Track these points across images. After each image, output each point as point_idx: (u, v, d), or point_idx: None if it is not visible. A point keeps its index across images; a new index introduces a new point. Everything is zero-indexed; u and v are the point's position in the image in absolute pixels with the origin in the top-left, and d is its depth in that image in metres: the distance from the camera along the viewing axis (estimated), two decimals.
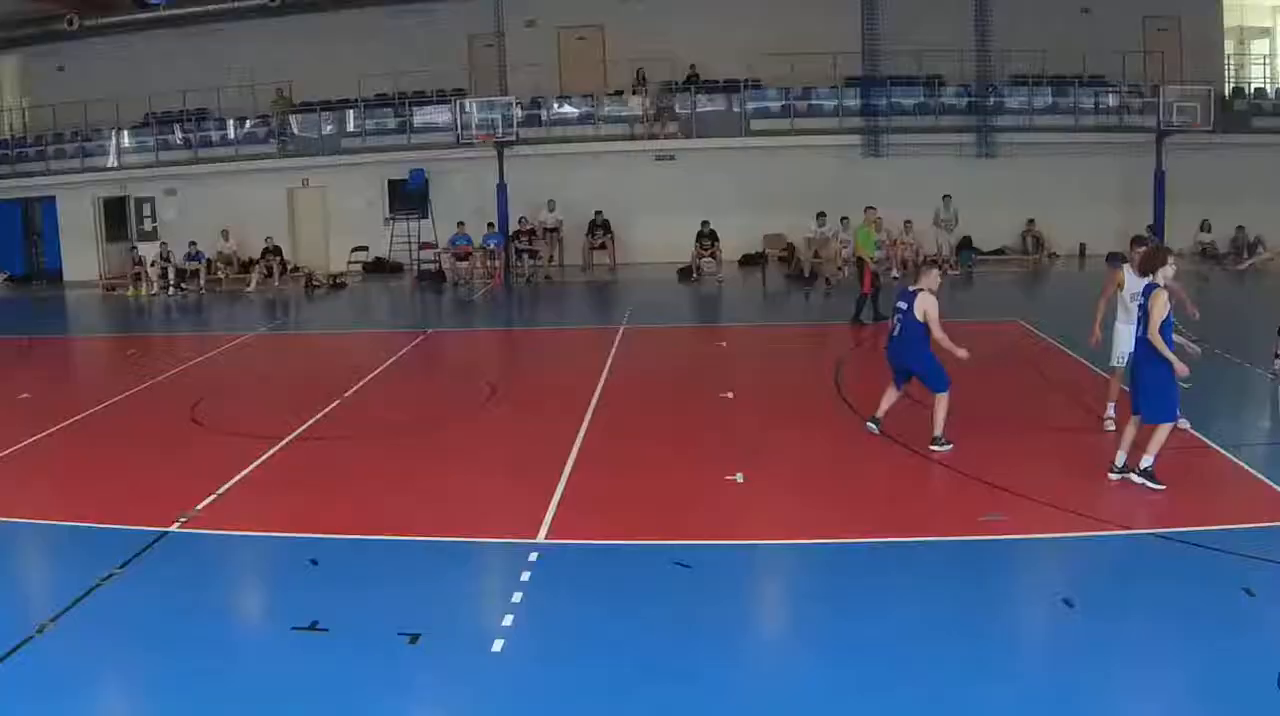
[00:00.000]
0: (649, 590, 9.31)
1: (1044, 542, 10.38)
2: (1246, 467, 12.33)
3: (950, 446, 13.05)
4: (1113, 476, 11.46)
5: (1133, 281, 12.65)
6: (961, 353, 12.99)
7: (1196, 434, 13.09)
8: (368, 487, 12.11)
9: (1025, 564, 10.17)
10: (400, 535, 10.52)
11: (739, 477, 12.16)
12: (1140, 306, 11.33)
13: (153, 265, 30.09)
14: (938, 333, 12.98)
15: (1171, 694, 7.75)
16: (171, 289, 29.70)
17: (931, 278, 13.37)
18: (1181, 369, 11.18)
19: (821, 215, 28.54)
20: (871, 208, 22.00)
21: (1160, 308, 10.99)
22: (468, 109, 29.89)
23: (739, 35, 30.43)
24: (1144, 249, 12.43)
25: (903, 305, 13.27)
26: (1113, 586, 9.42)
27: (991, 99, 31.18)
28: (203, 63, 32.80)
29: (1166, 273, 11.69)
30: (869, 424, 13.55)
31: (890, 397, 13.54)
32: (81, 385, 19.15)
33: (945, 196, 29.35)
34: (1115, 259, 14.71)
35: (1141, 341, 11.25)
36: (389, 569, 9.83)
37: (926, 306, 13.06)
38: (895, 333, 13.49)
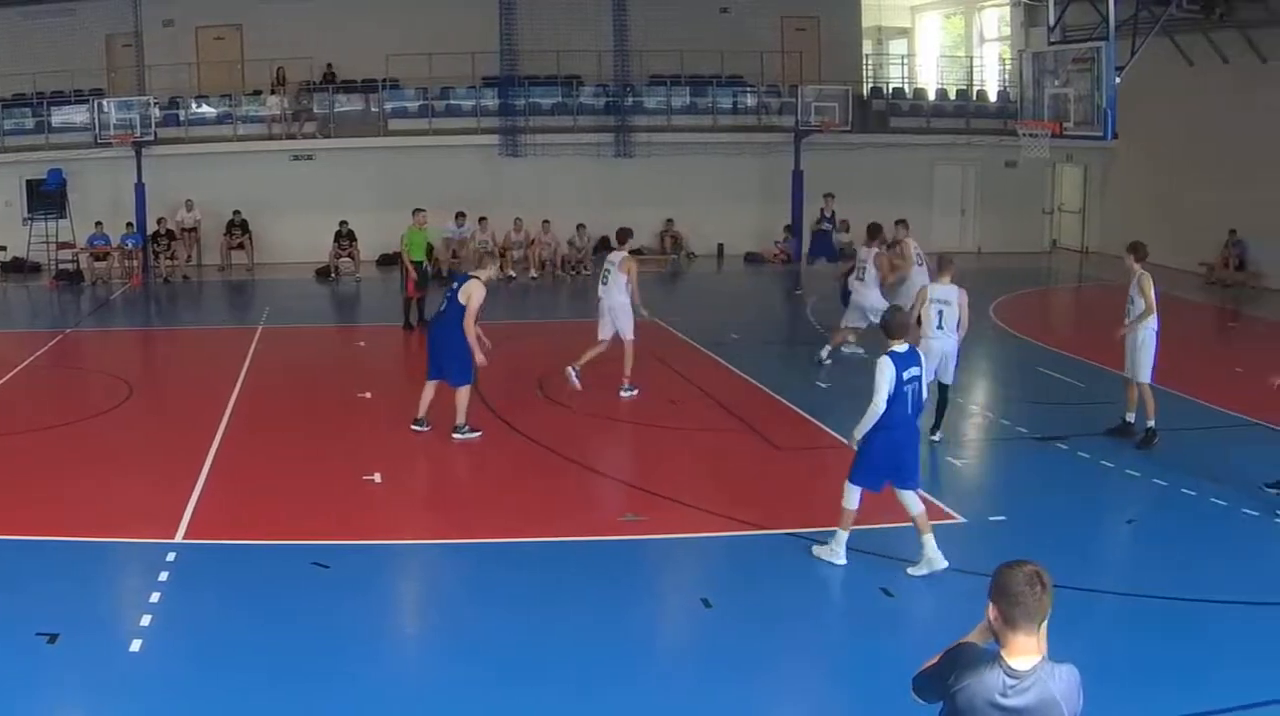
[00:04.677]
0: (288, 589, 9.49)
1: (682, 542, 10.75)
2: None
3: (477, 433, 13.73)
4: None
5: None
6: (480, 358, 13.65)
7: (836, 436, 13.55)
8: (2, 488, 11.99)
9: (664, 563, 10.51)
10: (36, 535, 10.49)
11: (376, 477, 12.42)
12: None
13: None
14: (469, 320, 13.54)
15: (812, 693, 8.08)
16: None
17: (489, 268, 14.18)
18: None
19: (461, 215, 28.76)
20: (421, 209, 22.10)
21: None
22: (106, 109, 29.43)
23: (377, 35, 30.35)
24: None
25: (454, 285, 13.95)
26: (752, 586, 9.77)
27: (629, 99, 31.76)
28: None
29: None
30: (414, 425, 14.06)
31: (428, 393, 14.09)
32: None
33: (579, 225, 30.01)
34: None
35: None
36: (26, 569, 9.82)
37: (472, 291, 13.63)
38: (439, 311, 14.21)
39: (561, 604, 9.27)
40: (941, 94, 34.47)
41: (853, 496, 9.91)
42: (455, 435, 13.89)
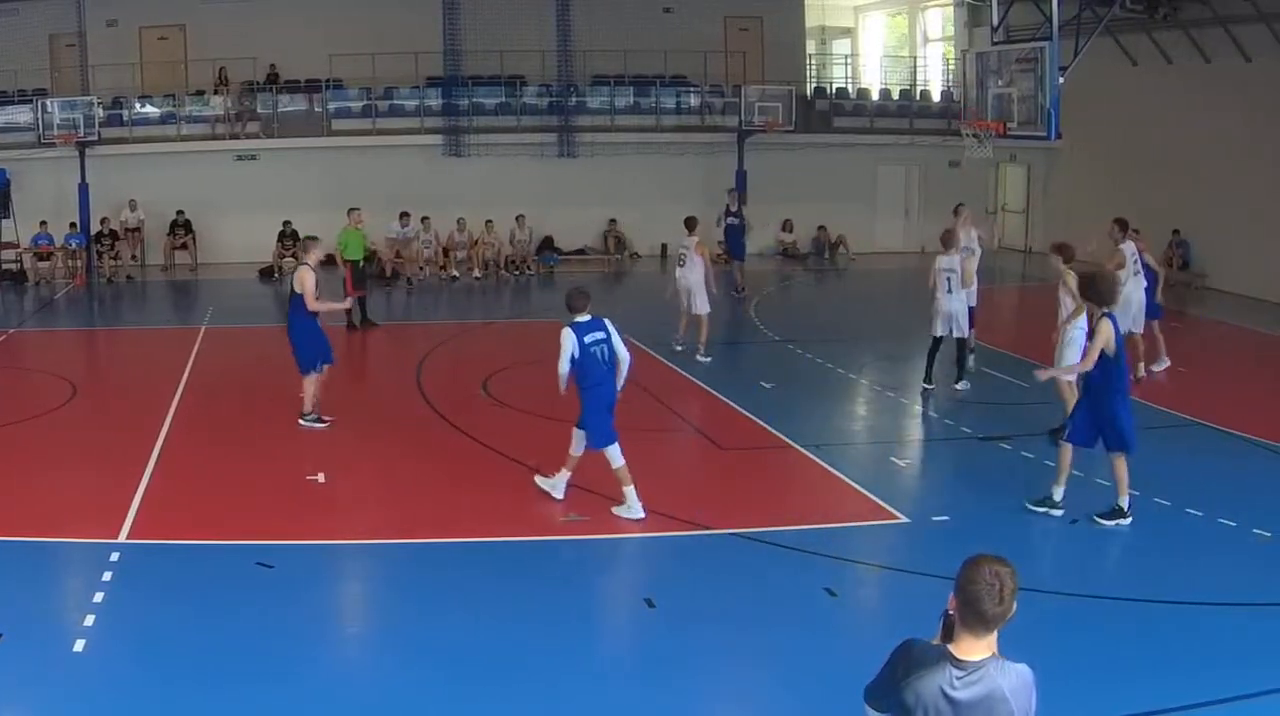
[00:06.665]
0: (232, 590, 9.49)
1: (626, 542, 10.82)
2: (827, 467, 12.83)
3: (327, 423, 14.09)
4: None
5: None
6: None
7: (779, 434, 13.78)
8: None
9: (608, 564, 10.60)
10: None
11: (320, 477, 12.49)
12: None
13: None
14: (309, 301, 13.99)
15: (753, 694, 8.11)
16: None
17: (314, 253, 14.58)
18: None
19: (405, 215, 28.82)
20: (356, 208, 22.15)
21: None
22: (49, 109, 29.33)
23: (320, 35, 30.30)
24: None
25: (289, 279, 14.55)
26: (696, 586, 9.79)
27: (573, 99, 31.89)
28: None
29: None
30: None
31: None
32: None
33: (519, 216, 30.07)
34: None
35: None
36: None
37: (302, 277, 14.07)
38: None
39: (505, 604, 9.33)
40: (885, 94, 34.82)
41: (578, 444, 11.39)
42: (300, 421, 14.35)
